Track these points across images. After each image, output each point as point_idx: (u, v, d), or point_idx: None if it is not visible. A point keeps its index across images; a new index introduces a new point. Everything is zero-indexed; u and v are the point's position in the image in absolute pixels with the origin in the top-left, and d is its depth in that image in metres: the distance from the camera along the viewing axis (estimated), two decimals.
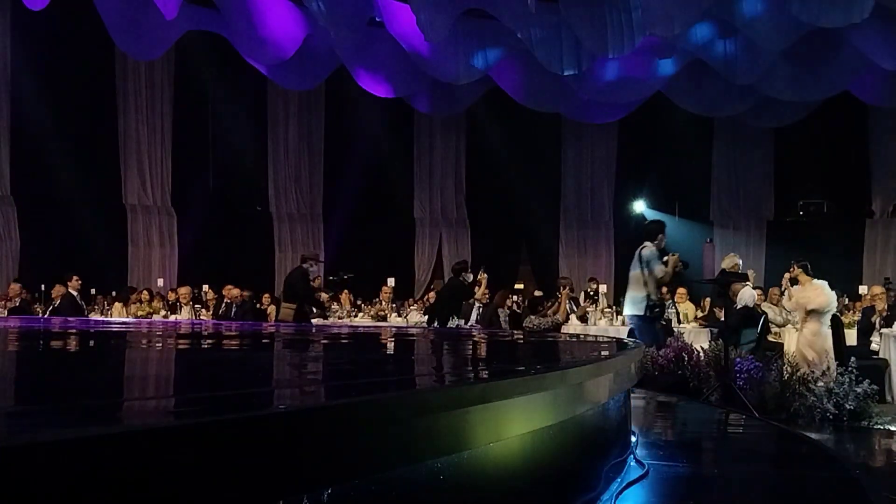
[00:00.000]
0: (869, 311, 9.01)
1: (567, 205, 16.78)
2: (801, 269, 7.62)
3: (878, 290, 9.36)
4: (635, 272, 7.50)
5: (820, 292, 7.40)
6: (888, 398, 7.72)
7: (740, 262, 8.49)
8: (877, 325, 8.67)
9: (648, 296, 7.37)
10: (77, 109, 13.92)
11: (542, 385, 1.65)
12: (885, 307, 8.78)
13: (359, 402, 1.16)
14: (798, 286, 7.63)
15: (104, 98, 14.61)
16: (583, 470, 2.17)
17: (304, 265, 9.67)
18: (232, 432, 0.94)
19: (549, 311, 9.00)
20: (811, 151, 15.17)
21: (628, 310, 7.64)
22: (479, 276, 9.45)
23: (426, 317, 10.74)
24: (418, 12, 10.49)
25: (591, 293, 11.44)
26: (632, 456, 2.72)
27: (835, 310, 7.68)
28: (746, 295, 8.29)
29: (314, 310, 9.90)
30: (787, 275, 7.94)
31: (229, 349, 3.21)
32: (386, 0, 11.33)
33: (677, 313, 9.92)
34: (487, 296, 9.50)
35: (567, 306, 9.85)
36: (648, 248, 7.52)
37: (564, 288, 10.04)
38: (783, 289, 8.12)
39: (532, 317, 8.52)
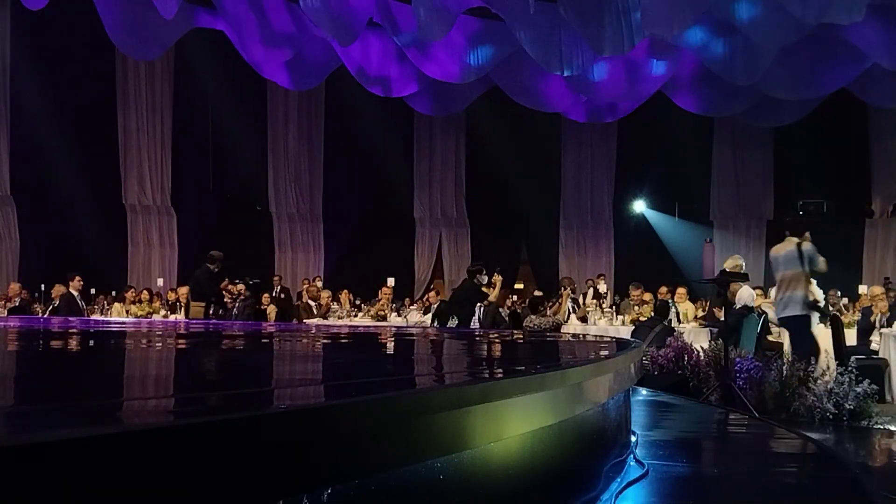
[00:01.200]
0: (869, 312, 9.00)
1: (567, 205, 16.78)
2: None
3: (877, 290, 9.35)
4: (795, 271, 7.24)
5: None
6: (888, 398, 7.72)
7: (743, 263, 8.45)
8: (877, 326, 8.67)
9: (807, 295, 7.15)
10: (77, 109, 13.92)
11: (542, 385, 1.65)
12: (886, 307, 8.77)
13: (359, 402, 1.16)
14: None
15: (104, 98, 14.61)
16: (582, 469, 2.17)
17: (209, 265, 9.94)
18: (232, 432, 0.94)
19: (550, 312, 9.00)
20: (811, 151, 15.18)
21: (790, 311, 7.24)
22: (493, 279, 9.49)
23: (427, 316, 10.75)
24: (418, 11, 10.49)
25: (602, 291, 11.46)
26: (632, 455, 2.72)
27: (821, 307, 7.67)
28: (745, 294, 8.29)
29: (220, 310, 10.19)
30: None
31: (230, 349, 3.22)
32: (385, 0, 11.33)
33: (677, 313, 9.93)
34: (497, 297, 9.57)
35: (568, 306, 9.86)
36: (808, 244, 7.29)
37: (566, 288, 10.04)
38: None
39: (532, 317, 8.52)
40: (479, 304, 8.99)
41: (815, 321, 7.46)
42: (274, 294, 11.79)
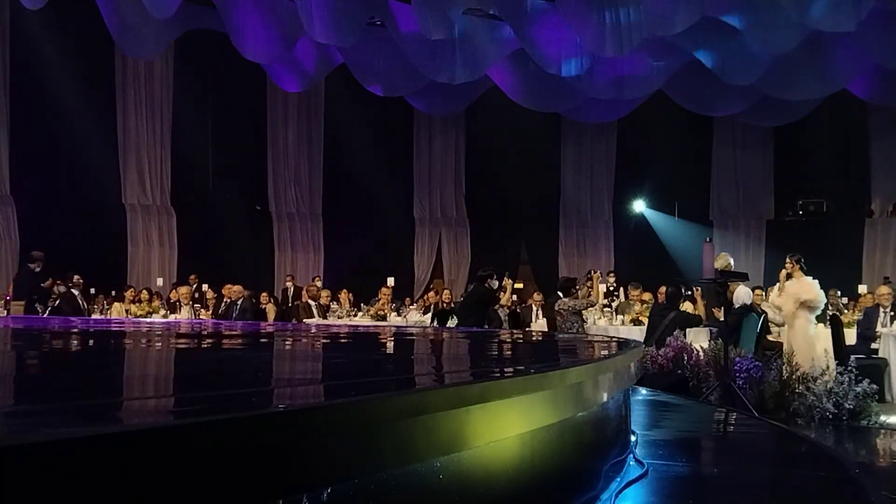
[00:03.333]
0: (872, 312, 8.94)
1: (566, 204, 16.78)
2: (796, 264, 7.60)
3: (884, 290, 9.20)
4: None
5: (811, 288, 7.40)
6: (888, 397, 7.72)
7: (731, 260, 8.41)
8: (886, 324, 8.61)
9: None
10: (77, 109, 13.92)
11: (542, 384, 1.65)
12: (890, 306, 8.70)
13: (359, 402, 1.16)
14: (791, 280, 7.60)
15: (104, 98, 14.61)
16: (582, 469, 2.17)
17: (31, 265, 10.27)
18: (231, 432, 0.94)
19: (581, 294, 8.93)
20: (811, 151, 15.17)
21: None
22: (503, 283, 9.49)
23: (426, 316, 10.74)
24: (420, 9, 10.49)
25: (611, 288, 11.44)
26: (631, 455, 2.72)
27: (821, 310, 7.65)
28: (742, 293, 8.27)
29: (45, 308, 10.33)
30: (783, 271, 7.88)
31: (230, 348, 3.22)
32: (385, 0, 11.32)
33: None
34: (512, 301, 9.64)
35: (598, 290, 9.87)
36: None
37: (595, 272, 10.04)
38: (780, 287, 8.03)
39: (565, 300, 8.49)
40: (490, 307, 8.98)
41: (811, 321, 7.43)
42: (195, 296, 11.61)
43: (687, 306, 10.28)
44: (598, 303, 9.61)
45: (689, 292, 9.57)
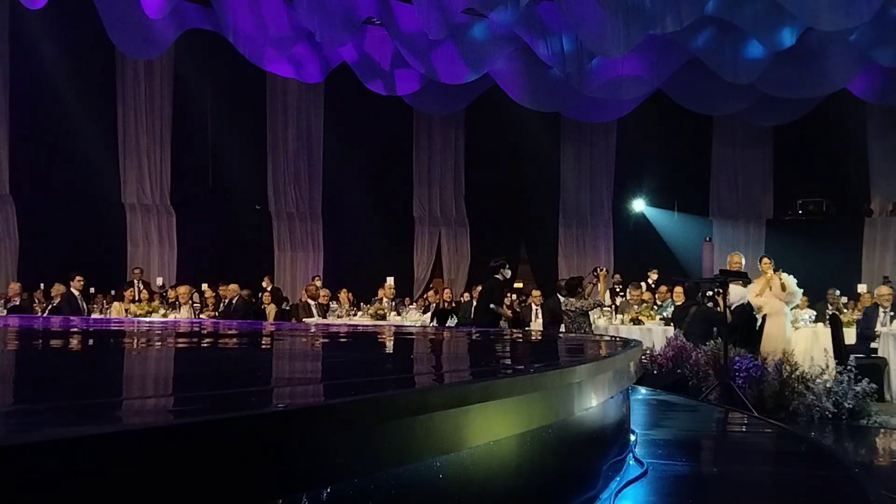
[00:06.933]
0: (872, 311, 8.93)
1: (566, 203, 16.78)
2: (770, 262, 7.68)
3: (884, 290, 9.18)
4: None
5: (789, 282, 7.46)
6: (887, 397, 7.72)
7: (743, 260, 8.42)
8: (886, 323, 8.61)
9: None
10: (76, 109, 13.91)
11: (541, 384, 1.65)
12: (889, 305, 8.69)
13: (358, 401, 1.16)
14: (775, 278, 7.66)
15: (104, 98, 14.60)
16: (582, 468, 2.17)
17: None
18: (231, 431, 0.94)
19: (587, 293, 8.92)
20: (810, 150, 15.19)
21: None
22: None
23: (426, 315, 10.73)
24: (421, 8, 10.48)
25: (617, 288, 11.43)
26: (631, 454, 2.72)
27: (795, 303, 7.72)
28: (740, 293, 8.26)
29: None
30: (764, 276, 7.96)
31: (228, 348, 3.22)
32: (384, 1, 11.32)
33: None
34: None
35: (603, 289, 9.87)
36: None
37: (602, 269, 10.04)
38: (759, 285, 8.07)
39: (572, 300, 8.47)
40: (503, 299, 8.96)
41: (788, 320, 7.46)
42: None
43: None
44: (604, 302, 9.63)
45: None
